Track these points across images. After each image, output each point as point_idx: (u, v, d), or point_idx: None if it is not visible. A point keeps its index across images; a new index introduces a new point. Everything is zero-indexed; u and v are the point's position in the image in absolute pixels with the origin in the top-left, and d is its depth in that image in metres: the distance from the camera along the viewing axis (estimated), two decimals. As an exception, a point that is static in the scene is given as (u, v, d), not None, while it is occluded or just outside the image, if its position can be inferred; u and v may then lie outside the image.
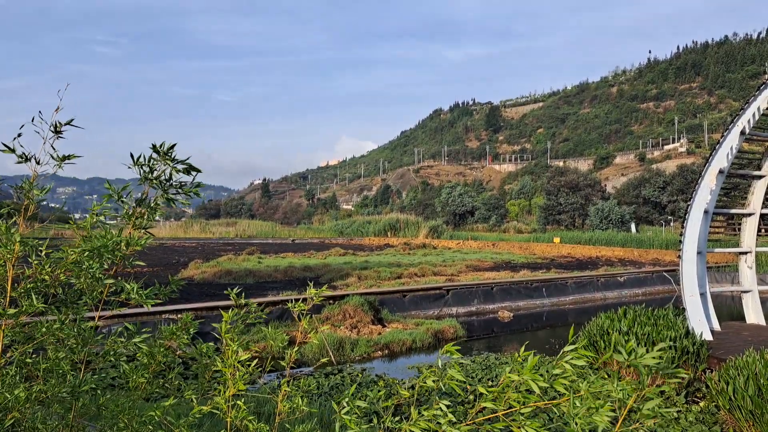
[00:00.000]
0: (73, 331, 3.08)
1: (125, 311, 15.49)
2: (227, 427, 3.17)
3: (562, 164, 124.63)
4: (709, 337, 13.47)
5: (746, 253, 16.06)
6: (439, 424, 2.68)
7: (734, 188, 16.42)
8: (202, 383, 3.42)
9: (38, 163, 3.06)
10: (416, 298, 22.85)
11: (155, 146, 3.15)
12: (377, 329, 18.01)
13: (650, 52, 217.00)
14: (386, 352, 16.41)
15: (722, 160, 14.43)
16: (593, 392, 2.49)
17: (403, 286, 24.86)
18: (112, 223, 3.37)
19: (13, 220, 3.07)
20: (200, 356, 3.43)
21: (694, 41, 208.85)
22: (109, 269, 3.23)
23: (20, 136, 2.99)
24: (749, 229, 16.01)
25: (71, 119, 3.11)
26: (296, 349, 3.63)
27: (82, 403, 3.08)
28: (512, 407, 2.59)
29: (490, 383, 10.97)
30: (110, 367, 6.67)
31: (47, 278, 3.02)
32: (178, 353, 10.35)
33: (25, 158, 3.05)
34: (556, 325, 22.42)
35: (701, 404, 10.34)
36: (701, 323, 13.58)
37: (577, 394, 2.50)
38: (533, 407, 2.56)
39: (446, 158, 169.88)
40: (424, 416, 2.73)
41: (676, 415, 9.66)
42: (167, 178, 3.21)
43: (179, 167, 3.19)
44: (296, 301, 3.72)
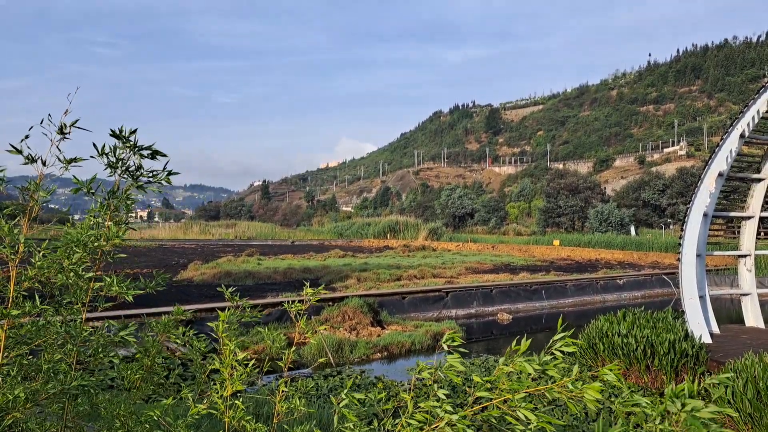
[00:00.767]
0: (62, 330, 3.08)
1: (120, 312, 15.49)
2: (225, 427, 3.17)
3: (561, 167, 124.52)
4: (708, 340, 13.48)
5: (745, 256, 16.08)
6: (436, 415, 2.69)
7: (734, 191, 16.44)
8: (199, 383, 3.42)
9: (44, 164, 3.05)
10: (415, 300, 22.85)
11: (114, 131, 3.09)
12: (376, 331, 18.01)
13: (650, 54, 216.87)
14: (385, 354, 16.40)
15: (722, 163, 14.45)
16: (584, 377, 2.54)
17: (402, 288, 24.87)
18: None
19: (16, 220, 3.07)
20: (195, 353, 3.43)
21: (694, 44, 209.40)
22: (92, 265, 3.21)
23: (27, 137, 2.99)
24: (748, 232, 16.02)
25: (76, 119, 3.09)
26: (293, 349, 3.63)
27: (76, 402, 3.08)
28: (507, 396, 2.63)
29: (488, 385, 10.96)
30: (109, 368, 6.66)
31: (43, 279, 3.02)
32: (177, 354, 10.32)
33: (31, 159, 3.05)
34: (555, 327, 22.35)
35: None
36: (700, 326, 13.59)
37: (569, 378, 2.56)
38: (525, 393, 2.60)
39: (446, 160, 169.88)
40: (420, 408, 2.74)
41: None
42: (137, 166, 3.17)
43: (144, 153, 3.15)
44: (294, 302, 3.72)
